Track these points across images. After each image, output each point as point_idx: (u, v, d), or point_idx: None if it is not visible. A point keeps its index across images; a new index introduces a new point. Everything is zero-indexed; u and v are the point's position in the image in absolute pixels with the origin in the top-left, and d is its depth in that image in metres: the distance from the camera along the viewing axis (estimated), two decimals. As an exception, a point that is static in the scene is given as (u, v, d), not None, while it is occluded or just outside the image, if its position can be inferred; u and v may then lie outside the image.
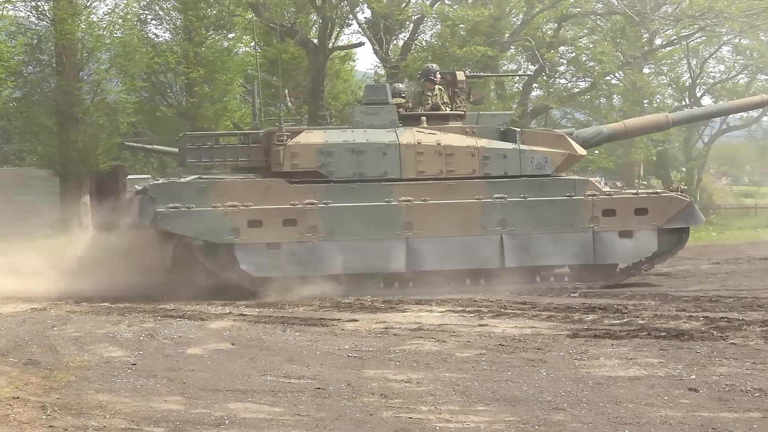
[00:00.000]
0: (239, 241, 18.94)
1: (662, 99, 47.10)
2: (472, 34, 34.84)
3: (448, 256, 19.69)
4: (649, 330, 13.38)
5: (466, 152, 20.24)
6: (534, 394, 9.74)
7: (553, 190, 20.32)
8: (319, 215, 19.34)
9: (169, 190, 19.00)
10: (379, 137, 19.98)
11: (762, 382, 10.04)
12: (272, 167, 19.76)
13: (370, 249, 19.48)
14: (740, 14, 35.98)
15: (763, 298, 16.82)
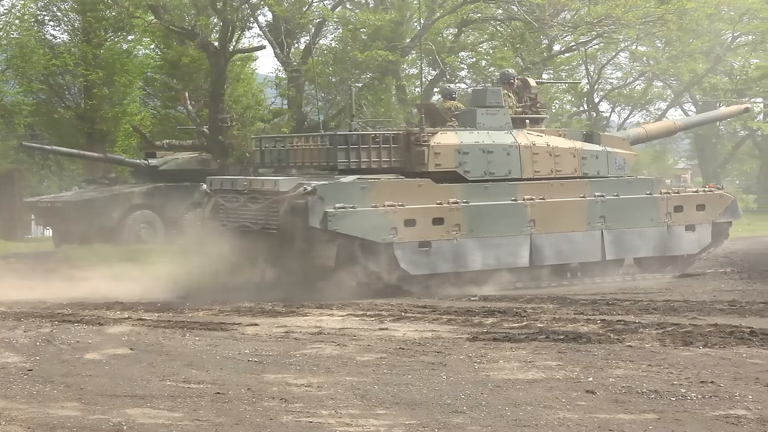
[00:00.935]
0: (397, 240, 19.49)
1: (561, 104, 47.75)
2: (373, 39, 34.92)
3: (563, 251, 21.34)
4: (548, 333, 13.55)
5: (569, 153, 22.01)
6: (434, 397, 9.81)
7: (637, 188, 22.61)
8: (462, 214, 20.21)
9: (335, 191, 19.21)
10: (502, 139, 21.18)
11: (657, 383, 10.23)
12: (415, 167, 20.36)
13: (503, 245, 20.59)
14: (637, 21, 36.55)
15: (659, 301, 17.13)
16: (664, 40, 42.93)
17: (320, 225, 18.94)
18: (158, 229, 32.55)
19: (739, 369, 10.99)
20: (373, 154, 20.30)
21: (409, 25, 37.47)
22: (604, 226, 21.71)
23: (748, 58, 47.74)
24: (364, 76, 36.37)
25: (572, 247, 21.44)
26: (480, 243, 20.34)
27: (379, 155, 20.31)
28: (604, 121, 48.63)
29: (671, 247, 22.72)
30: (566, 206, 21.40)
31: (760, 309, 16.01)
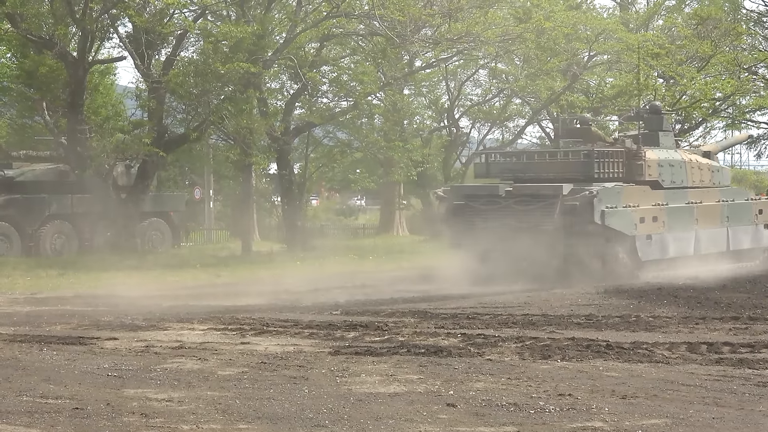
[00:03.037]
0: (636, 233, 24.69)
1: (422, 120, 48.10)
2: (235, 51, 34.68)
3: (709, 244, 27.14)
4: (409, 347, 13.63)
5: (707, 167, 28.38)
6: (296, 412, 9.78)
7: (740, 195, 29.74)
8: (664, 213, 25.61)
9: (608, 194, 24.14)
10: (675, 155, 27.39)
11: (516, 396, 10.37)
12: (634, 177, 25.53)
13: (683, 238, 26.28)
14: (496, 39, 37.07)
15: (518, 315, 17.38)
16: (522, 58, 43.57)
17: (599, 221, 23.67)
18: (14, 242, 31.90)
19: (596, 382, 11.20)
20: (606, 166, 25.15)
21: (271, 38, 37.35)
22: (728, 224, 27.86)
23: (603, 77, 48.73)
24: (225, 88, 36.10)
25: (714, 240, 27.36)
26: (672, 236, 25.87)
27: (615, 167, 25.29)
28: (464, 136, 49.14)
29: (759, 241, 29.12)
30: (711, 208, 27.47)
31: (616, 323, 16.37)
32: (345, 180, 54.20)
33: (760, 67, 59.54)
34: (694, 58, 49.25)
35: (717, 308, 18.38)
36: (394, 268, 30.50)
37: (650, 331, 15.47)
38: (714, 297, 20.06)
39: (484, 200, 25.29)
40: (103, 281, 25.77)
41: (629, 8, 54.92)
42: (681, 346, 13.74)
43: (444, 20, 37.19)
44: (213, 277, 27.83)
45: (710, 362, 12.58)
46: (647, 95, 48.31)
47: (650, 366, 12.34)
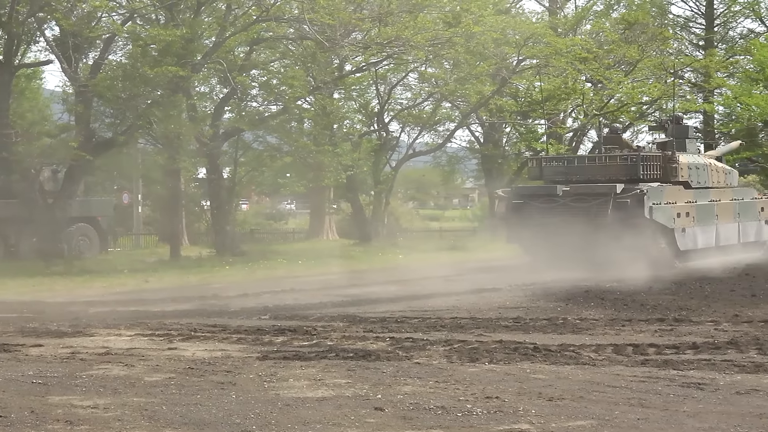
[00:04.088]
0: (675, 226, 28.27)
1: (351, 124, 48.12)
2: (164, 55, 34.48)
3: (726, 236, 30.91)
4: (337, 351, 13.63)
5: (722, 170, 32.47)
6: (223, 417, 9.74)
7: (747, 194, 33.38)
8: (695, 210, 29.27)
9: (653, 193, 27.66)
10: (700, 159, 31.33)
11: (444, 399, 10.41)
12: (669, 178, 28.99)
13: (707, 231, 29.89)
14: (426, 44, 37.20)
15: (447, 318, 17.44)
16: (452, 62, 43.76)
17: (648, 215, 27.07)
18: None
19: (523, 384, 11.27)
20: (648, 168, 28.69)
21: (200, 41, 37.18)
22: (739, 220, 31.61)
23: (532, 81, 49.10)
24: (154, 92, 35.85)
25: (729, 233, 31.08)
26: (700, 230, 29.50)
27: (655, 170, 28.80)
28: (394, 140, 49.25)
29: (761, 234, 32.99)
30: (727, 206, 31.17)
31: (544, 326, 16.48)
32: (275, 184, 54.09)
33: (686, 71, 60.31)
34: (622, 62, 49.85)
35: (643, 310, 18.58)
36: (323, 272, 30.47)
37: (577, 333, 15.61)
38: (640, 299, 20.27)
39: (543, 199, 28.89)
40: (29, 287, 25.50)
41: (558, 13, 55.37)
42: (607, 348, 13.88)
43: (374, 24, 37.29)
44: (141, 282, 27.63)
45: (636, 364, 12.71)
46: (575, 99, 48.81)
47: (577, 368, 12.44)
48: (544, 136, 51.73)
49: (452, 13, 40.11)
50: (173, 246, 38.26)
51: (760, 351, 13.47)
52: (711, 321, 16.74)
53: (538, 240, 28.29)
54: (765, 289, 21.72)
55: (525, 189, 31.21)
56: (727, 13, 66.40)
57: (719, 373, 11.98)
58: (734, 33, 68.17)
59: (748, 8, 65.70)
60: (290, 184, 49.96)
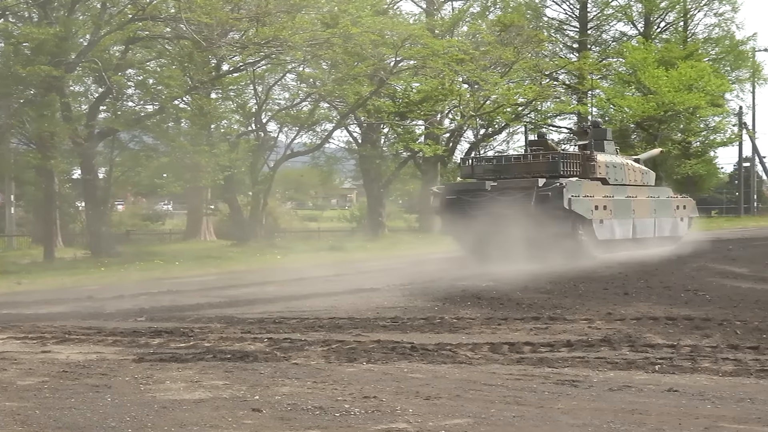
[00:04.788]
0: (593, 217, 31.00)
1: (229, 124, 47.83)
2: (37, 53, 33.86)
3: (643, 230, 34.16)
4: (215, 352, 13.54)
5: (639, 170, 35.91)
6: (98, 421, 9.59)
7: (663, 193, 37.06)
8: (612, 204, 32.25)
9: (572, 186, 30.53)
10: (616, 159, 34.70)
11: (322, 400, 10.40)
12: (588, 174, 32.11)
13: (624, 224, 32.87)
14: (304, 44, 37.19)
15: (325, 318, 17.43)
16: (330, 63, 43.83)
17: (567, 206, 29.80)
18: None
19: (401, 383, 11.32)
20: (568, 165, 31.59)
21: (75, 40, 36.59)
22: (655, 216, 34.93)
23: (410, 82, 49.42)
24: (26, 91, 35.26)
25: (646, 227, 34.32)
26: (617, 222, 32.45)
27: (574, 167, 31.82)
28: (272, 141, 49.10)
29: (677, 230, 36.58)
30: (643, 202, 34.44)
31: (421, 325, 16.57)
32: (151, 185, 53.44)
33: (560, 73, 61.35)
34: (498, 64, 50.45)
35: (519, 309, 18.80)
36: (201, 273, 30.26)
37: (454, 332, 15.72)
38: (516, 298, 20.51)
39: (473, 194, 31.45)
40: None
41: (435, 14, 55.81)
42: (483, 346, 14.01)
43: (251, 24, 37.12)
44: (13, 284, 27.10)
45: (511, 362, 12.86)
46: (452, 100, 49.22)
47: (454, 367, 12.54)
48: (421, 136, 52.16)
49: (330, 14, 40.13)
50: (47, 247, 37.60)
51: (632, 348, 13.72)
52: (585, 319, 17.00)
53: (469, 232, 30.71)
54: (637, 288, 22.14)
55: (457, 185, 34.57)
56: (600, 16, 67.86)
57: (593, 370, 12.17)
58: (607, 36, 69.84)
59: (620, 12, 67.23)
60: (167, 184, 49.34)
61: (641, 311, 17.89)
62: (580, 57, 61.08)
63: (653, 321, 16.47)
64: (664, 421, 9.28)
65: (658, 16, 69.21)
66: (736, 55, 68.93)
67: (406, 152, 54.03)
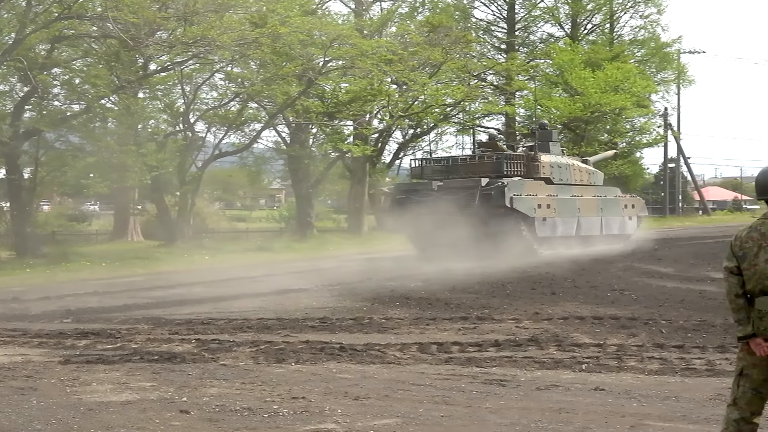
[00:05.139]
0: (535, 215, 32.85)
1: (156, 124, 47.47)
2: (-41, 52, 33.41)
3: (589, 227, 35.92)
4: (142, 354, 13.46)
5: (586, 171, 37.88)
6: (23, 424, 9.49)
7: (611, 193, 38.89)
8: (556, 202, 34.01)
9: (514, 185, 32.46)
10: (562, 160, 36.57)
11: (250, 401, 10.38)
12: (532, 174, 34.05)
13: (569, 221, 34.84)
14: (232, 43, 36.99)
15: (253, 319, 17.40)
16: (258, 63, 43.65)
17: (509, 204, 31.55)
18: None
19: (329, 384, 11.34)
20: (511, 166, 33.65)
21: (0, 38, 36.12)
22: (602, 214, 36.78)
23: (338, 82, 49.39)
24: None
25: (592, 225, 36.06)
26: (561, 220, 34.29)
27: (518, 167, 33.82)
28: (200, 141, 48.81)
29: (625, 228, 38.44)
30: (589, 201, 36.31)
31: (350, 325, 16.61)
32: (77, 185, 52.87)
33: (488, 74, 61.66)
34: (426, 64, 50.56)
35: (447, 309, 18.91)
36: (127, 274, 30.03)
37: (383, 332, 15.78)
38: (444, 298, 20.62)
39: (421, 194, 33.26)
40: None
41: (363, 15, 55.78)
42: (412, 346, 14.07)
43: (179, 23, 36.87)
44: (-64, 286, 26.70)
45: (440, 362, 12.93)
46: (381, 100, 49.28)
47: (382, 367, 12.58)
48: (350, 137, 52.19)
49: (258, 14, 39.94)
50: (-29, 249, 37.05)
51: (559, 347, 13.87)
52: (513, 319, 17.14)
53: (418, 229, 32.57)
54: (565, 287, 22.36)
55: (405, 185, 36.74)
56: (528, 18, 68.34)
57: (520, 369, 12.28)
58: (535, 37, 70.30)
59: (547, 13, 67.77)
60: (93, 184, 48.89)
61: (568, 311, 18.08)
62: (507, 58, 61.40)
63: (580, 320, 16.66)
64: (590, 420, 9.39)
65: (585, 18, 69.82)
66: (662, 57, 69.79)
67: (334, 152, 54.03)
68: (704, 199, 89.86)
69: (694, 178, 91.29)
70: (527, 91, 62.43)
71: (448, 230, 31.04)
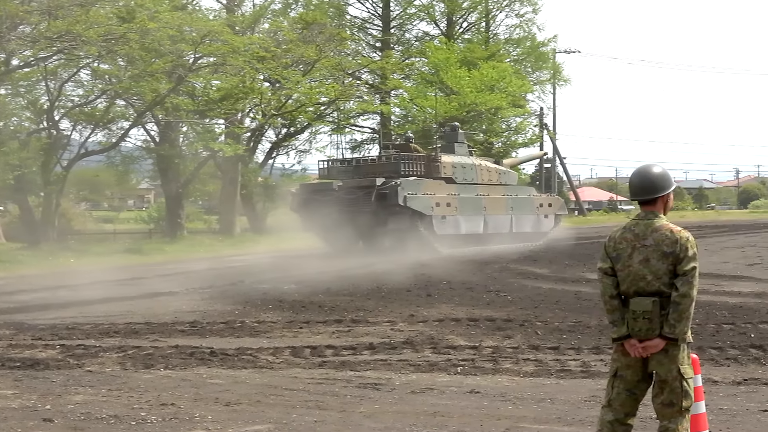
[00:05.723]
0: (434, 213, 34.70)
1: (19, 122, 46.53)
2: None
3: (496, 225, 38.05)
4: (3, 360, 13.18)
5: (495, 171, 40.27)
6: None
7: (524, 192, 41.88)
8: (457, 201, 36.18)
9: (409, 184, 34.45)
10: (467, 160, 38.91)
11: (117, 408, 10.24)
12: (433, 174, 36.31)
13: (473, 219, 36.89)
14: (98, 39, 36.48)
15: (120, 324, 17.17)
16: (126, 59, 43.11)
17: (402, 203, 33.50)
18: None
19: (200, 390, 11.24)
20: (409, 166, 35.96)
21: None
22: (513, 213, 38.96)
23: (209, 80, 49.01)
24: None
25: (500, 223, 38.27)
26: (464, 218, 36.32)
27: (417, 167, 36.22)
28: (65, 139, 47.96)
29: (540, 227, 40.63)
30: (497, 200, 38.52)
31: (221, 329, 16.50)
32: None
33: (363, 72, 61.83)
34: (300, 62, 50.53)
35: (321, 312, 18.92)
36: (-12, 277, 29.37)
37: (255, 336, 15.72)
38: (318, 300, 20.63)
39: (323, 194, 35.55)
40: None
41: (235, 11, 55.49)
42: (285, 350, 14.03)
43: (43, 17, 36.24)
44: None
45: (313, 366, 12.92)
46: (253, 98, 49.07)
47: (254, 372, 12.52)
48: (221, 135, 51.82)
49: (126, 8, 39.46)
50: None
51: (434, 350, 13.97)
52: (387, 321, 17.22)
53: (323, 228, 35.05)
54: (440, 289, 22.54)
55: (310, 186, 39.33)
56: (403, 15, 68.65)
57: (395, 372, 12.34)
58: (410, 35, 70.62)
59: (423, 11, 68.18)
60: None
61: (444, 312, 18.23)
62: (382, 56, 61.65)
63: (455, 322, 16.80)
64: (465, 423, 9.47)
65: (461, 16, 70.37)
66: (537, 56, 70.66)
67: (205, 152, 53.52)
68: (580, 200, 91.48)
69: (570, 179, 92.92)
70: (402, 90, 62.74)
71: (350, 229, 33.89)
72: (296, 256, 33.95)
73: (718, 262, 29.00)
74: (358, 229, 34.36)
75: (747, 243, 39.07)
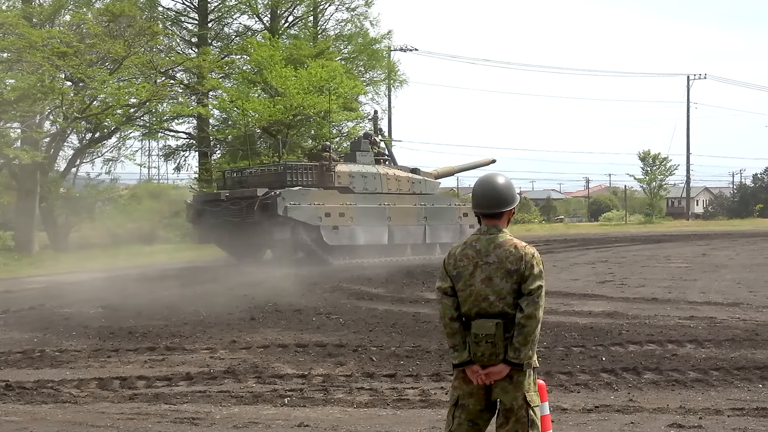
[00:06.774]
0: (322, 224, 37.47)
1: None
2: None
3: (405, 236, 41.00)
4: None
5: (407, 179, 42.90)
6: None
7: (443, 201, 44.99)
8: (353, 211, 38.63)
9: (290, 195, 36.77)
10: (371, 169, 41.26)
11: None
12: (326, 184, 38.78)
13: (374, 230, 39.46)
14: None
15: None
16: None
17: (282, 213, 35.93)
18: None
19: (-5, 428, 11.03)
20: (297, 176, 38.45)
21: None
22: (426, 223, 42.04)
23: (3, 78, 48.09)
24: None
25: (410, 234, 41.35)
26: (362, 229, 38.82)
27: (306, 177, 38.68)
28: None
29: (462, 236, 38.55)
30: (406, 209, 41.28)
31: (18, 359, 16.19)
32: None
33: (178, 70, 61.33)
34: (106, 59, 49.95)
35: (132, 338, 18.71)
36: None
37: (56, 367, 15.46)
38: (128, 326, 20.39)
39: (213, 204, 38.39)
40: None
41: (32, 1, 54.48)
42: (91, 382, 13.85)
43: None
44: None
45: (123, 399, 12.78)
46: (54, 99, 48.27)
47: (56, 407, 12.33)
48: (17, 141, 50.82)
49: None
50: None
51: (258, 379, 13.95)
52: (207, 348, 17.13)
53: (215, 238, 39.13)
54: (265, 312, 22.52)
55: (202, 196, 41.94)
56: (222, 8, 68.29)
57: (215, 405, 12.29)
58: (230, 30, 70.25)
59: (244, 3, 67.85)
60: None
61: (269, 338, 18.23)
62: (199, 53, 61.21)
63: (282, 349, 16.83)
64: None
65: (286, 9, 70.23)
66: (370, 55, 70.96)
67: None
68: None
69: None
70: (222, 91, 62.44)
71: (238, 239, 37.40)
72: (105, 277, 33.29)
73: (568, 280, 29.69)
74: (246, 240, 37.18)
75: (598, 258, 40.10)
